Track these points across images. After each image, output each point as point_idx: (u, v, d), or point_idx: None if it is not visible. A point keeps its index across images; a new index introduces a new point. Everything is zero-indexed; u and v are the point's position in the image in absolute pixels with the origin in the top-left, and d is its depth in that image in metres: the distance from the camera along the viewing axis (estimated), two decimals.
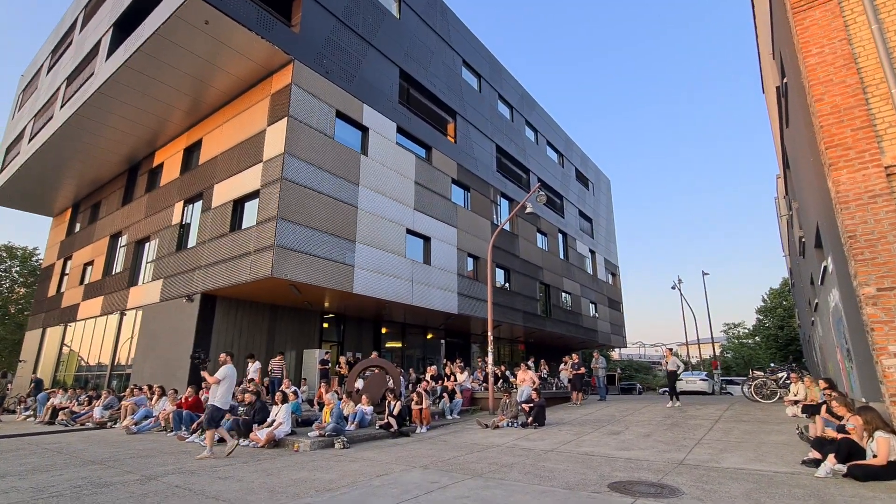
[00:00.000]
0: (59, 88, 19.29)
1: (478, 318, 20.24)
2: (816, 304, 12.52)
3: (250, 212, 14.01)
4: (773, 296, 43.96)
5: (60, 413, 13.60)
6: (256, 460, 7.42)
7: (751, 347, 49.44)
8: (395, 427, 9.92)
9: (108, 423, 12.77)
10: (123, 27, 15.13)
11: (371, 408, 10.84)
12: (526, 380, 13.03)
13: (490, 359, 14.03)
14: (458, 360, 17.15)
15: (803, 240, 12.87)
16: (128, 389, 13.91)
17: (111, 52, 15.17)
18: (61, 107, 18.10)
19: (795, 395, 10.99)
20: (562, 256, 29.64)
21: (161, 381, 13.72)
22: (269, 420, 9.37)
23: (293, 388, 11.80)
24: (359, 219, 15.17)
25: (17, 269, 34.73)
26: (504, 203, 24.73)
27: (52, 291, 23.67)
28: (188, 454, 8.01)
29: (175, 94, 15.26)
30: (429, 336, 22.45)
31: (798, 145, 9.53)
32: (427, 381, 13.69)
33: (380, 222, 16.00)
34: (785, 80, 9.72)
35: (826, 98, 6.09)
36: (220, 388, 7.89)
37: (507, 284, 23.29)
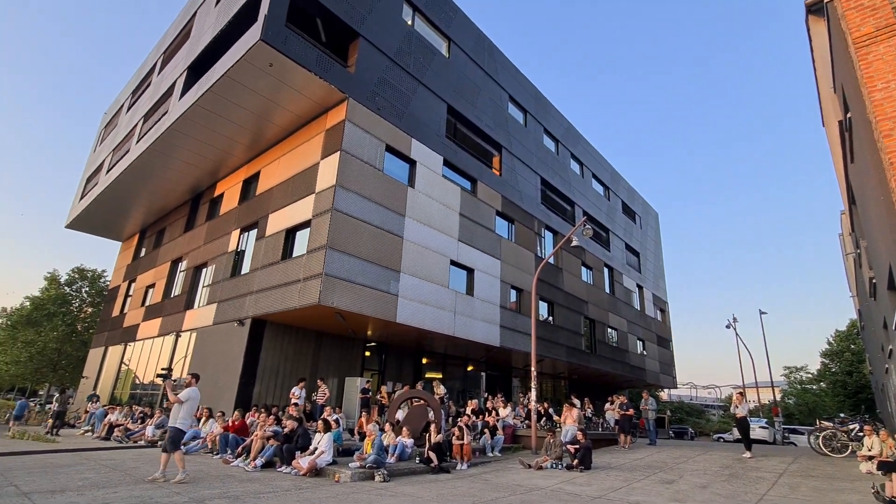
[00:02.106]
0: (136, 125, 21.09)
1: (519, 352, 19.84)
2: (891, 350, 11.48)
3: (301, 241, 14.56)
4: (840, 339, 40.74)
5: (116, 430, 14.24)
6: (298, 489, 7.45)
7: (815, 394, 45.62)
8: (436, 462, 9.74)
9: (159, 442, 13.22)
10: (196, 70, 16.49)
11: (412, 440, 10.71)
12: (571, 419, 12.55)
13: (533, 395, 13.65)
14: (499, 395, 16.77)
15: (874, 281, 11.94)
16: None
17: (184, 92, 16.52)
18: (137, 141, 19.75)
19: (870, 450, 10.02)
20: (608, 291, 28.83)
21: (209, 402, 14.16)
22: (311, 448, 9.44)
23: (335, 417, 11.88)
24: (404, 249, 15.44)
25: (87, 289, 37.30)
26: (548, 235, 24.51)
27: (115, 312, 25.23)
28: (233, 478, 8.16)
29: (238, 129, 16.35)
30: (469, 368, 22.16)
31: (865, 181, 8.99)
32: (468, 416, 13.43)
33: (424, 253, 16.21)
34: (849, 115, 9.29)
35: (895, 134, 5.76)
36: (182, 409, 7.64)
37: (550, 318, 22.80)
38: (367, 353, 18.24)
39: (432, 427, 10.50)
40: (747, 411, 12.56)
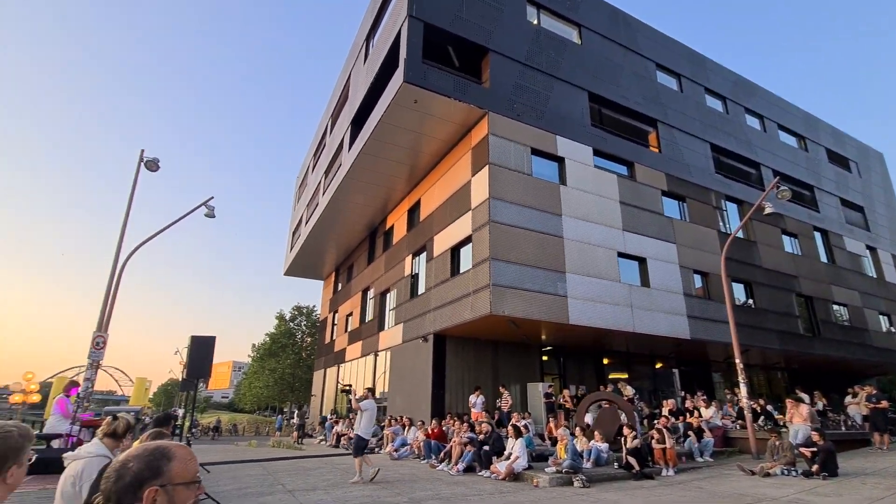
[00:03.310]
0: (320, 182, 25.00)
1: (717, 343, 17.50)
2: None
3: (466, 256, 15.35)
4: None
5: (342, 438, 16.76)
6: (501, 493, 7.76)
7: None
8: (637, 468, 9.16)
9: (376, 449, 15.14)
10: (358, 123, 18.91)
11: (606, 445, 10.29)
12: (799, 416, 10.59)
13: (743, 390, 11.90)
14: (699, 393, 15.03)
15: None
16: (386, 419, 16.35)
17: (351, 144, 19.07)
18: (323, 194, 23.37)
19: None
20: (824, 259, 23.68)
21: (409, 412, 15.70)
22: (505, 453, 9.75)
23: (523, 422, 12.09)
24: (566, 248, 15.10)
25: (304, 323, 45.23)
26: (732, 207, 21.34)
27: (327, 339, 29.87)
28: (440, 481, 8.88)
29: (397, 165, 18.17)
30: (658, 365, 20.34)
31: None
32: (665, 417, 12.33)
33: (588, 249, 15.60)
34: None
35: None
36: (363, 419, 8.73)
37: (750, 301, 19.66)
38: (545, 358, 18.16)
39: (625, 430, 9.93)
40: None
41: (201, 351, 11.21)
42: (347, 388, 20.60)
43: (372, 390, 9.82)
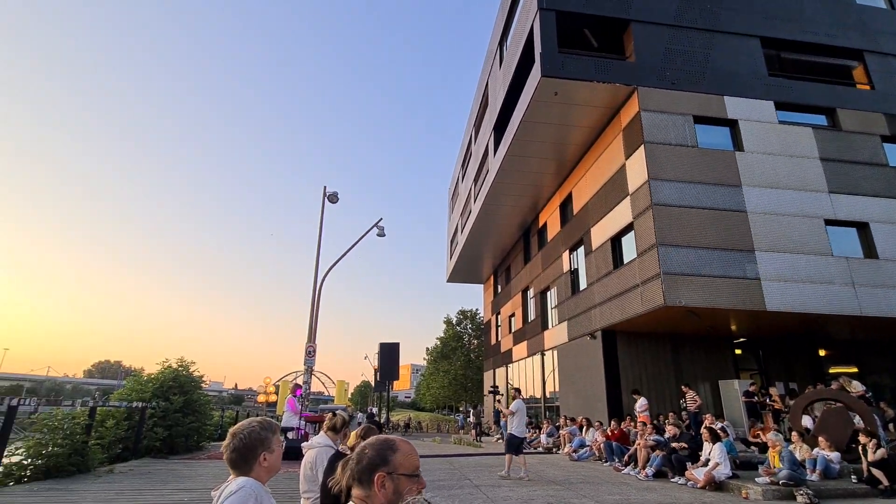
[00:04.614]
0: (470, 190, 26.00)
1: None
2: None
3: (628, 245, 14.32)
4: None
5: None
6: None
7: None
8: (886, 483, 7.37)
9: (553, 449, 14.98)
10: (499, 127, 19.21)
11: (837, 454, 8.51)
12: None
13: None
14: None
15: None
16: (561, 419, 16.08)
17: (496, 149, 19.43)
18: (474, 202, 24.24)
19: None
20: None
21: (584, 413, 15.18)
22: (702, 458, 8.76)
23: (719, 425, 10.73)
24: (752, 223, 13.00)
25: (469, 326, 47.36)
26: None
27: (493, 341, 30.71)
28: (628, 486, 8.38)
29: (543, 162, 17.90)
30: None
31: None
32: None
33: (781, 221, 13.19)
34: None
35: None
36: (514, 419, 9.20)
37: None
38: (738, 352, 15.84)
39: (861, 437, 8.07)
40: None
41: (389, 355, 12.54)
42: (494, 388, 21.72)
43: (519, 390, 10.35)
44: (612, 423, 12.72)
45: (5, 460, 7.01)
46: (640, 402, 12.96)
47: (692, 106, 14.11)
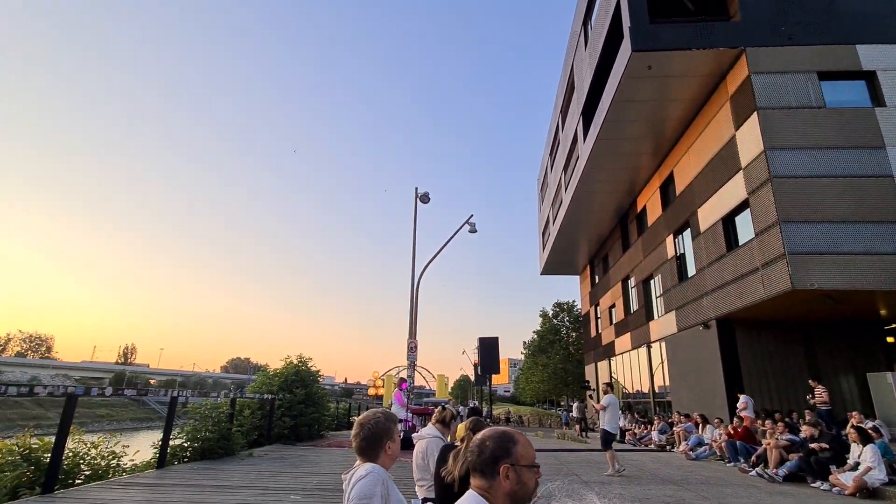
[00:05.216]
0: (560, 179, 25.26)
1: None
2: None
3: (743, 225, 12.97)
4: None
5: (627, 434, 16.21)
6: None
7: None
8: None
9: (666, 447, 14.08)
10: (587, 112, 18.40)
11: None
12: None
13: None
14: None
15: None
16: (675, 415, 15.06)
17: (585, 135, 18.66)
18: (565, 191, 23.51)
19: None
20: None
21: (699, 408, 14.05)
22: (849, 462, 7.70)
23: (870, 424, 9.36)
24: None
25: (567, 318, 46.01)
26: None
27: (593, 333, 29.58)
28: (758, 489, 7.64)
29: (638, 142, 16.83)
30: None
31: None
32: None
33: None
34: None
35: None
36: (606, 415, 8.91)
37: None
38: (890, 339, 13.63)
39: None
40: None
41: (489, 350, 12.69)
42: (586, 384, 21.60)
43: (610, 384, 9.97)
44: (735, 419, 11.64)
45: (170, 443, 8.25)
46: (743, 399, 11.77)
47: (815, 61, 12.38)
